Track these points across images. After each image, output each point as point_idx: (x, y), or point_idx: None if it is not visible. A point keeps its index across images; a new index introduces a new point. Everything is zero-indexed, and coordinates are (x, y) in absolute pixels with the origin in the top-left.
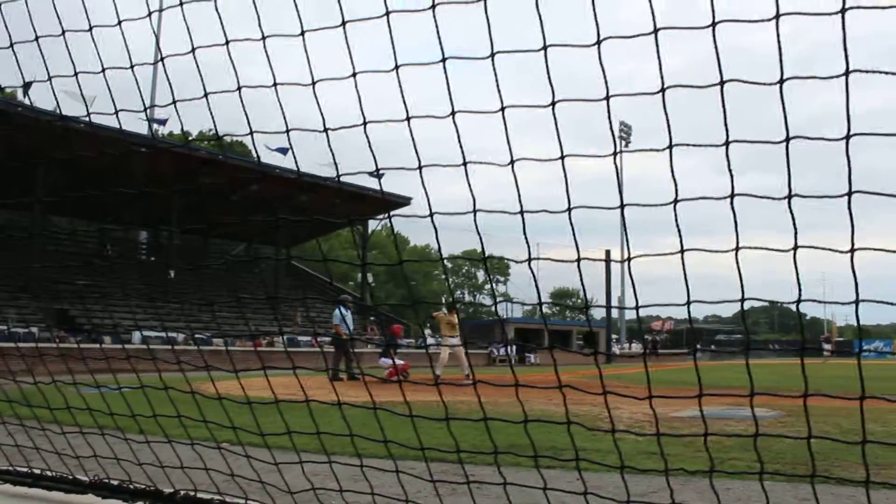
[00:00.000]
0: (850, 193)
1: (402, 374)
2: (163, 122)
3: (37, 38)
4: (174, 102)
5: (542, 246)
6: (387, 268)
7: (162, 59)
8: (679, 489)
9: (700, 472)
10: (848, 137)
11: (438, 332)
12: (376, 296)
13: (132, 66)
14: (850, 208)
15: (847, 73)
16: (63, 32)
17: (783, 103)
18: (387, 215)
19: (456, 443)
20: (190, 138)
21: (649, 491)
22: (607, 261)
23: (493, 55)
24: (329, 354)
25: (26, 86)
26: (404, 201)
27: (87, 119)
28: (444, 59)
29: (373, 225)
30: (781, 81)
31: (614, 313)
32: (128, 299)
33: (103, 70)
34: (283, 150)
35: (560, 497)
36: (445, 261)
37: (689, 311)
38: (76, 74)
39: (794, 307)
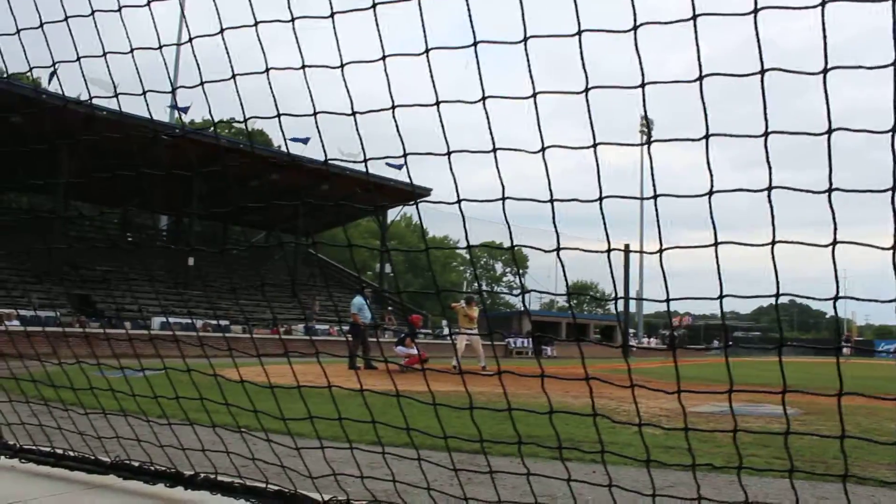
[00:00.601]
0: (894, 189)
1: (422, 361)
2: (185, 110)
3: (66, 19)
4: (202, 83)
5: (561, 238)
6: (405, 258)
7: (190, 39)
8: (699, 486)
9: (717, 469)
10: (895, 130)
11: (456, 322)
12: (395, 286)
13: (160, 47)
14: (893, 203)
15: None
16: (93, 12)
17: (826, 93)
18: (413, 203)
19: (479, 432)
20: (212, 126)
21: (666, 485)
22: (625, 254)
23: (525, 39)
24: (349, 343)
25: (52, 72)
26: (424, 192)
27: (111, 105)
28: (475, 43)
29: (391, 216)
30: (825, 71)
31: (631, 308)
32: (148, 285)
33: (132, 51)
34: (304, 140)
35: (576, 488)
36: (468, 250)
37: (721, 306)
38: (105, 55)
39: (815, 305)
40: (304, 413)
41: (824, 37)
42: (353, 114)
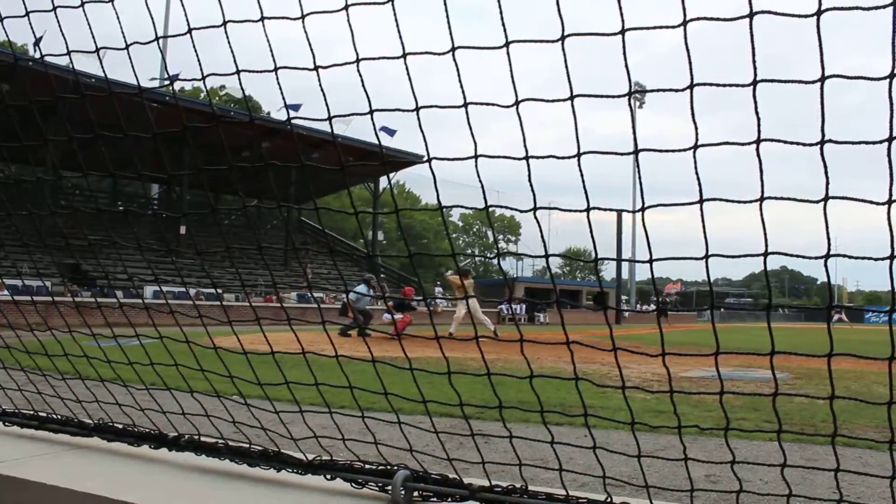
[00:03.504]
0: (890, 139)
1: (397, 334)
2: (174, 79)
3: None
4: (157, 38)
5: (553, 205)
6: (397, 226)
7: None
8: (686, 447)
9: (706, 433)
10: (892, 77)
11: (451, 292)
12: (386, 252)
13: None
14: (889, 155)
15: (895, 2)
16: None
17: (819, 38)
18: (380, 164)
19: (458, 397)
20: (202, 94)
21: (657, 449)
22: (618, 220)
23: None
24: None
25: (37, 40)
26: (416, 159)
27: (99, 74)
28: None
29: (384, 183)
30: (819, 13)
31: (624, 275)
32: (139, 254)
33: (81, 4)
34: (295, 107)
35: (568, 453)
36: (451, 216)
37: (706, 266)
38: (55, 9)
39: (805, 271)
40: (292, 379)
41: None
42: (316, 68)
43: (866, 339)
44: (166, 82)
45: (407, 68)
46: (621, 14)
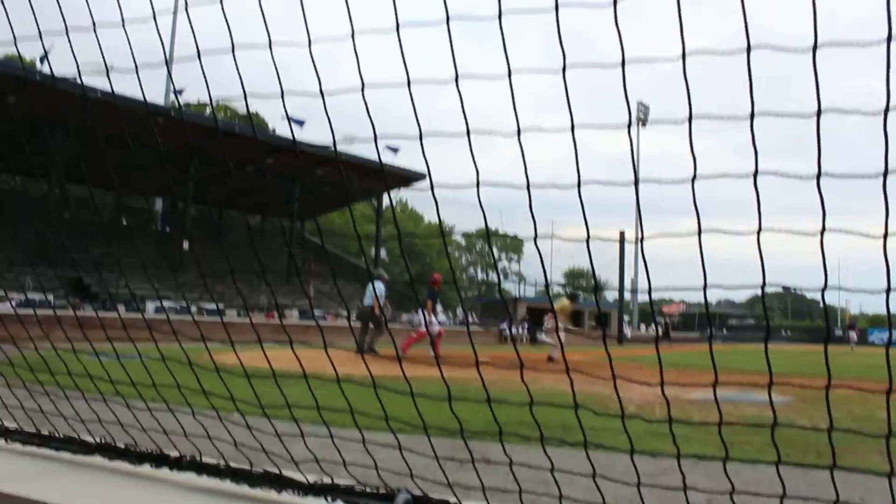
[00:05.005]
0: (885, 173)
1: (411, 345)
2: (180, 92)
3: None
4: (167, 62)
5: (556, 224)
6: (398, 243)
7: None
8: (688, 470)
9: (710, 457)
10: (886, 111)
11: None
12: (389, 270)
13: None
14: (885, 189)
15: (889, 38)
16: None
17: (815, 72)
18: (385, 186)
19: (459, 423)
20: (207, 110)
21: (659, 472)
22: (620, 241)
23: (500, 14)
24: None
25: (44, 55)
26: (419, 177)
27: (105, 87)
28: (447, 18)
29: (386, 201)
30: (815, 48)
31: (627, 296)
32: (143, 269)
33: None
34: (300, 123)
35: (569, 477)
36: (454, 236)
37: (705, 296)
38: (94, 27)
39: (809, 294)
40: (293, 399)
41: (814, 13)
42: (321, 92)
43: (870, 362)
44: (172, 99)
45: (411, 96)
46: (621, 44)
